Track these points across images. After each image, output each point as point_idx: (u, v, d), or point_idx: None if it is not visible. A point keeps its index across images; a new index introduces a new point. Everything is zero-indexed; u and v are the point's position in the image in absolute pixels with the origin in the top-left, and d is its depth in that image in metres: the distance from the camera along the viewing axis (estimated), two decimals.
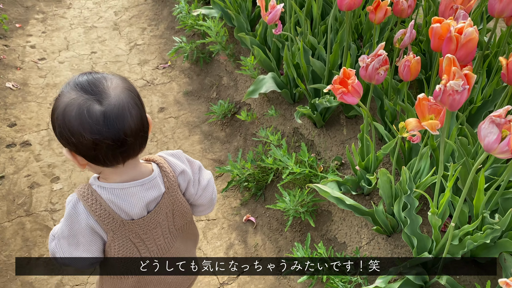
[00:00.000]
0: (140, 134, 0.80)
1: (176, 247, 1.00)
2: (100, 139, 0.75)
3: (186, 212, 0.97)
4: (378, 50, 1.20)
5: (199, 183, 0.97)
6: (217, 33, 2.18)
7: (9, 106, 2.24)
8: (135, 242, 0.91)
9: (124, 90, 0.79)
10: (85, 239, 0.86)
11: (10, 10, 2.98)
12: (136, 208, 0.86)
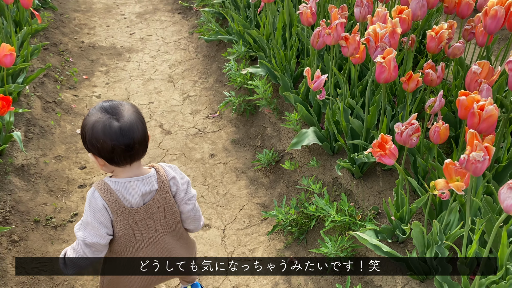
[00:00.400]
0: (143, 143, 1.18)
1: (166, 240, 1.32)
2: (117, 145, 1.12)
3: (175, 211, 1.29)
4: (411, 120, 1.41)
5: (186, 193, 1.30)
6: (264, 90, 2.45)
7: (80, 150, 2.55)
8: (132, 226, 1.24)
9: (133, 113, 1.17)
10: (102, 216, 1.18)
11: (78, 63, 3.39)
12: (135, 198, 1.20)
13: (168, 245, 1.33)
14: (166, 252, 1.34)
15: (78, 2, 4.42)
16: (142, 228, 1.25)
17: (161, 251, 1.32)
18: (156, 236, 1.29)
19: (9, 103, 1.82)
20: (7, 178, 2.12)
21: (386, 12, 1.75)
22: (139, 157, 1.20)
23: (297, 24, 2.63)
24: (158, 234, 1.29)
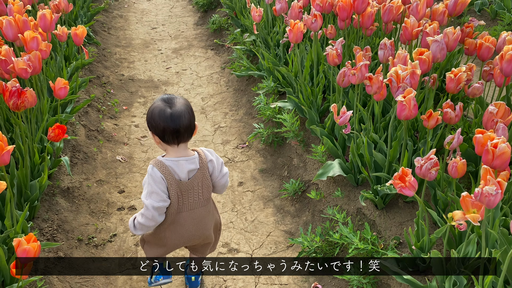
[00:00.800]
0: (188, 129, 1.51)
1: (199, 210, 1.65)
2: (167, 127, 1.47)
3: (209, 186, 1.64)
4: (430, 155, 1.52)
5: (220, 171, 1.65)
6: (291, 123, 2.61)
7: (119, 175, 2.75)
8: (178, 195, 1.57)
9: (184, 105, 1.52)
10: (162, 185, 1.52)
11: (119, 94, 3.66)
12: (183, 173, 1.55)
13: (201, 214, 1.66)
14: (198, 221, 1.66)
15: (119, 38, 4.77)
16: (185, 198, 1.59)
17: (195, 218, 1.65)
18: (193, 205, 1.63)
19: (64, 131, 2.04)
20: (55, 199, 2.31)
21: (406, 54, 1.90)
22: (185, 140, 1.54)
23: (324, 63, 2.80)
24: (195, 204, 1.63)
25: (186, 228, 1.65)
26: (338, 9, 2.49)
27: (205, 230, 1.71)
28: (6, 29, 2.30)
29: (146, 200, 1.53)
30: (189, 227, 1.65)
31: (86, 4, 4.52)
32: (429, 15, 2.49)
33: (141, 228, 1.59)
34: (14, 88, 1.84)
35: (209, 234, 1.74)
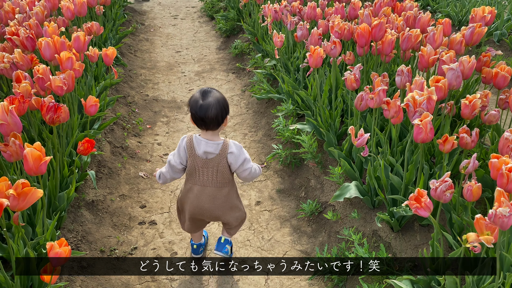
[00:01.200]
0: (214, 120, 1.80)
1: (211, 190, 1.93)
2: (196, 114, 1.80)
3: (225, 174, 1.90)
4: (445, 177, 1.57)
5: (241, 165, 1.90)
6: (309, 145, 2.67)
7: (141, 191, 2.84)
8: (195, 167, 1.90)
9: (215, 99, 1.81)
10: (182, 152, 1.90)
11: (143, 114, 3.80)
12: (199, 151, 1.86)
13: (212, 194, 1.94)
14: (208, 198, 1.95)
15: (145, 60, 4.97)
16: (200, 173, 1.91)
17: (206, 194, 1.94)
18: (206, 183, 1.92)
19: (92, 146, 2.15)
20: (80, 211, 2.41)
21: (423, 80, 1.96)
22: (211, 129, 1.84)
23: (342, 88, 2.88)
24: (207, 182, 1.92)
25: (199, 199, 1.96)
26: (357, 36, 2.59)
27: (215, 210, 1.98)
28: (45, 49, 2.46)
29: (169, 156, 1.95)
30: (201, 199, 1.95)
31: (115, 27, 4.74)
32: (446, 44, 2.56)
33: (161, 176, 2.00)
34: (51, 104, 1.97)
35: (219, 215, 2.01)
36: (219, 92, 1.87)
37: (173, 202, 2.75)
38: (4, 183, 1.50)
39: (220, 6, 6.40)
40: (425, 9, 5.90)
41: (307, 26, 3.14)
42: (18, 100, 1.98)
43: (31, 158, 1.64)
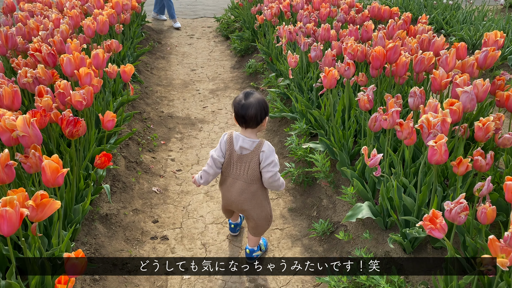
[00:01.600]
0: (253, 119, 1.99)
1: (241, 183, 2.11)
2: (238, 112, 2.00)
3: (255, 171, 2.06)
4: (459, 199, 1.57)
5: (268, 165, 2.03)
6: (322, 164, 2.69)
7: (154, 206, 2.87)
8: (231, 161, 2.10)
9: (256, 100, 2.01)
10: (223, 147, 2.10)
11: (158, 130, 3.86)
12: (236, 146, 2.05)
13: (241, 188, 2.11)
14: (237, 191, 2.12)
15: (161, 77, 5.07)
16: (234, 167, 2.10)
17: (236, 187, 2.12)
18: (238, 177, 2.11)
19: (109, 159, 2.19)
20: (94, 224, 2.44)
21: (437, 103, 1.98)
22: (250, 127, 2.03)
23: (356, 108, 2.91)
24: (239, 176, 2.10)
25: (229, 191, 2.16)
26: (371, 58, 2.62)
27: (242, 204, 2.15)
28: (66, 65, 2.54)
29: (211, 152, 2.14)
30: (231, 191, 2.15)
31: (133, 45, 4.87)
32: (459, 67, 2.58)
33: (202, 175, 2.17)
34: (71, 118, 2.02)
35: (245, 208, 2.18)
36: (260, 94, 2.07)
37: (185, 218, 2.77)
38: (21, 194, 1.54)
39: (235, 26, 6.52)
40: (439, 32, 5.94)
41: (320, 47, 3.19)
42: (40, 113, 2.04)
43: (49, 170, 1.68)
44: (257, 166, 2.05)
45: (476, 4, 7.08)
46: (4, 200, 1.39)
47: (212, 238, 2.58)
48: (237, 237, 2.58)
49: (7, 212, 1.36)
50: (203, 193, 3.01)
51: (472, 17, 5.96)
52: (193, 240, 2.57)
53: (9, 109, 2.19)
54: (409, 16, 3.54)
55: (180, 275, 2.32)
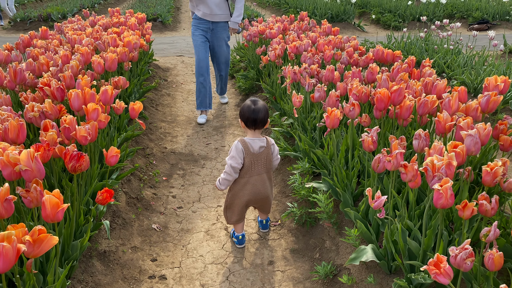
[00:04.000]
0: (263, 121, 2.48)
1: (263, 176, 2.59)
2: (249, 116, 2.47)
3: (271, 161, 2.60)
4: (465, 245, 1.53)
5: (276, 155, 2.65)
6: (326, 205, 2.65)
7: (153, 244, 2.82)
8: (252, 163, 2.51)
9: (262, 105, 2.50)
10: (240, 154, 2.48)
11: (160, 165, 3.85)
12: (256, 148, 2.50)
13: (263, 178, 2.60)
14: (262, 183, 2.59)
15: (165, 114, 5.12)
16: (255, 165, 2.53)
17: (260, 181, 2.58)
18: (260, 171, 2.56)
19: (111, 196, 2.18)
20: (91, 261, 2.39)
21: (442, 146, 1.98)
22: (259, 128, 2.50)
23: (359, 149, 2.91)
24: (260, 170, 2.56)
25: (256, 187, 2.57)
26: (376, 100, 2.65)
27: (267, 190, 2.64)
28: (74, 100, 2.58)
29: (228, 160, 2.49)
30: (257, 186, 2.57)
31: (139, 82, 4.96)
32: (463, 110, 2.60)
33: (223, 183, 2.56)
34: (74, 152, 2.03)
35: (269, 194, 2.66)
36: (260, 100, 2.53)
37: (184, 257, 2.71)
38: (21, 229, 1.52)
39: (240, 66, 6.66)
40: (441, 76, 6.04)
41: (324, 88, 3.24)
42: (44, 147, 2.05)
43: (49, 205, 1.66)
44: (271, 156, 2.58)
45: (476, 50, 7.24)
46: (2, 235, 1.36)
47: (211, 279, 2.51)
48: (237, 278, 2.51)
49: (4, 248, 1.33)
50: (204, 231, 2.97)
51: (473, 61, 6.08)
52: (192, 280, 2.51)
53: (14, 142, 2.20)
54: (413, 60, 3.60)
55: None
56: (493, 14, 11.16)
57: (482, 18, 11.07)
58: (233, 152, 2.47)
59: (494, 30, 8.17)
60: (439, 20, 11.06)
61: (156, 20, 11.05)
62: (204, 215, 3.16)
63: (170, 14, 11.77)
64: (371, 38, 9.28)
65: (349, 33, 10.30)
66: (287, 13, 11.10)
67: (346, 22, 11.05)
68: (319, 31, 5.61)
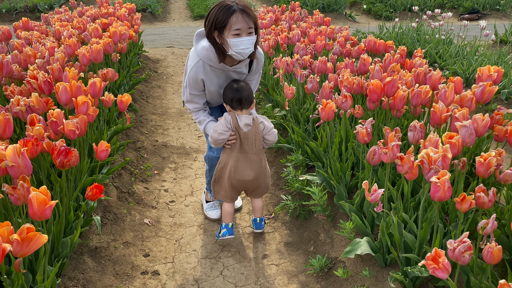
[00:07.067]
0: (247, 100, 2.39)
1: (253, 156, 2.45)
2: (233, 97, 2.38)
3: (260, 140, 2.44)
4: (463, 238, 1.51)
5: (269, 131, 2.47)
6: (320, 197, 2.63)
7: (145, 239, 2.77)
8: (241, 141, 2.42)
9: (245, 83, 2.42)
10: (228, 124, 2.38)
11: (152, 159, 3.79)
12: (242, 123, 2.39)
13: (253, 159, 2.46)
14: (252, 163, 2.46)
15: (156, 106, 5.05)
16: (243, 144, 2.42)
17: (250, 160, 2.45)
18: (248, 151, 2.44)
19: (101, 191, 2.12)
20: (82, 258, 2.34)
21: (438, 138, 1.95)
22: (245, 107, 2.41)
23: (353, 140, 2.88)
24: (249, 150, 2.44)
25: (243, 167, 2.45)
26: (369, 92, 2.62)
27: (257, 173, 2.48)
28: (61, 93, 2.51)
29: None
30: (245, 166, 2.45)
31: (129, 74, 4.87)
32: (457, 101, 2.58)
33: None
34: (62, 148, 1.97)
35: (259, 176, 2.51)
36: (244, 81, 2.45)
37: (177, 252, 2.67)
38: (6, 228, 1.46)
39: None
40: (433, 66, 6.03)
41: (317, 79, 3.20)
42: (31, 143, 1.99)
43: (36, 203, 1.61)
44: (260, 135, 2.43)
45: (467, 40, 7.24)
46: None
47: (205, 274, 2.48)
48: (231, 272, 2.49)
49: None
50: (197, 225, 2.93)
51: (464, 51, 6.08)
52: (185, 275, 2.47)
53: (0, 137, 2.13)
54: (405, 50, 3.57)
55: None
56: (484, 3, 11.17)
57: (472, 8, 11.08)
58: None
59: (485, 20, 8.19)
60: (430, 10, 11.05)
61: (146, 10, 10.87)
62: (197, 208, 3.12)
63: (159, 4, 11.59)
64: (362, 28, 9.24)
65: (340, 23, 10.25)
66: (279, 3, 11.00)
67: (338, 12, 10.98)
68: (311, 21, 5.55)
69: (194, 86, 2.44)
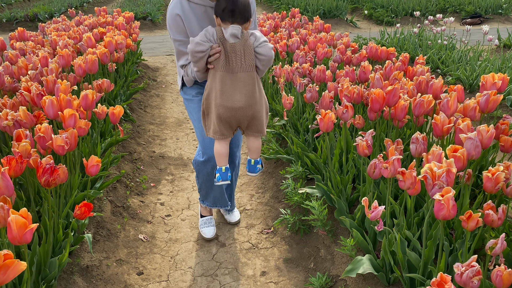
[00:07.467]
0: (242, 12, 1.99)
1: (243, 75, 2.04)
2: (226, 6, 1.96)
3: (252, 54, 2.05)
4: (471, 261, 1.41)
5: (260, 42, 2.06)
6: (320, 212, 2.53)
7: (139, 256, 2.68)
8: (226, 56, 2.02)
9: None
10: (209, 35, 2.02)
11: (148, 171, 3.71)
12: (227, 34, 2.00)
13: (244, 79, 2.04)
14: (242, 84, 2.04)
15: (154, 116, 4.97)
16: (230, 60, 2.02)
17: (239, 81, 2.04)
18: (237, 69, 2.03)
19: (90, 210, 2.03)
20: (72, 278, 2.25)
21: (441, 152, 1.85)
22: (238, 21, 2.01)
23: (353, 152, 2.78)
24: (237, 68, 2.03)
25: (231, 90, 2.03)
26: (370, 101, 2.53)
27: (249, 99, 2.06)
28: (48, 108, 2.43)
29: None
30: (233, 90, 2.04)
31: (126, 83, 4.80)
32: (461, 111, 2.48)
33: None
34: (48, 166, 1.88)
35: (252, 104, 2.08)
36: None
37: (172, 269, 2.57)
38: None
39: None
40: (435, 72, 5.93)
41: (316, 88, 3.11)
42: (16, 160, 1.90)
43: (15, 226, 1.52)
44: (251, 49, 2.04)
45: (470, 44, 7.14)
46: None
47: None
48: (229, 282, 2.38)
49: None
50: (193, 241, 2.83)
51: (467, 57, 5.98)
52: None
53: None
54: (407, 57, 3.48)
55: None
56: (486, 8, 11.08)
57: (475, 12, 10.98)
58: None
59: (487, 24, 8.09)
60: (432, 14, 10.96)
61: (146, 18, 10.85)
62: (193, 223, 3.02)
63: (160, 12, 11.57)
64: (364, 34, 9.16)
65: (341, 29, 10.18)
66: (279, 10, 10.95)
67: (339, 18, 10.92)
68: (311, 28, 5.47)
69: (175, 29, 2.15)
